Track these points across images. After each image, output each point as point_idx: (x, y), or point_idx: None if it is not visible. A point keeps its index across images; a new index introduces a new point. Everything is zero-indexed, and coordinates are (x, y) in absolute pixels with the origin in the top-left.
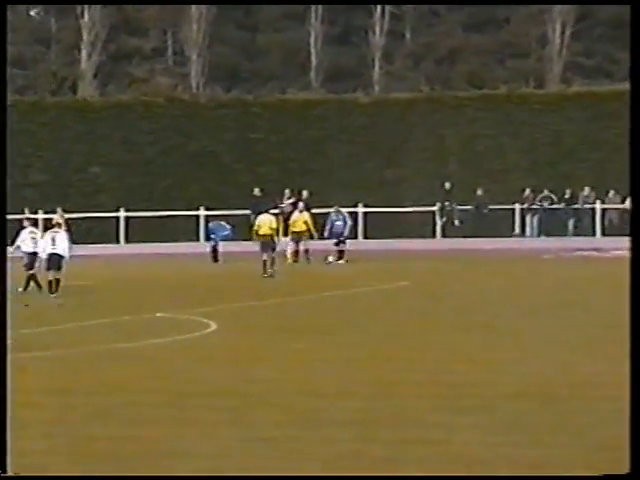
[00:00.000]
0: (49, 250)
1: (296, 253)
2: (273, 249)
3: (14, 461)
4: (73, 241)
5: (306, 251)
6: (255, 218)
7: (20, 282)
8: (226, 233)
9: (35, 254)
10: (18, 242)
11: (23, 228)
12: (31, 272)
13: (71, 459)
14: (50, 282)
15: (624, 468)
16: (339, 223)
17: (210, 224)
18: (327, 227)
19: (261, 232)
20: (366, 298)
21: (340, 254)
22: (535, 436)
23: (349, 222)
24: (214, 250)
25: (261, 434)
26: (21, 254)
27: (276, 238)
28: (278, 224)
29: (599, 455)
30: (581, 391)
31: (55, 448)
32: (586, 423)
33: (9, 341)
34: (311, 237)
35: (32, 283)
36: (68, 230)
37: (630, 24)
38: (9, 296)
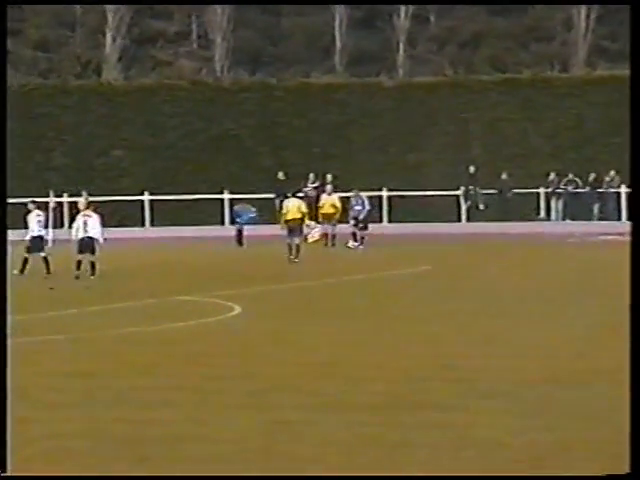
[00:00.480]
0: (81, 234)
1: (325, 236)
2: (300, 234)
3: (38, 444)
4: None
5: (333, 236)
6: (280, 202)
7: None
8: (252, 216)
9: (41, 237)
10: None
11: (29, 212)
12: (42, 254)
13: (93, 442)
14: (79, 262)
15: None
16: (358, 207)
17: (236, 207)
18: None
19: (289, 217)
20: (389, 282)
21: (361, 239)
22: (558, 421)
23: (367, 207)
24: (239, 233)
25: (281, 418)
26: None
27: (304, 223)
28: (307, 208)
29: (623, 440)
30: (604, 376)
31: (79, 431)
32: (609, 408)
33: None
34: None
35: (28, 265)
36: (99, 214)
37: (630, 24)
38: (31, 279)
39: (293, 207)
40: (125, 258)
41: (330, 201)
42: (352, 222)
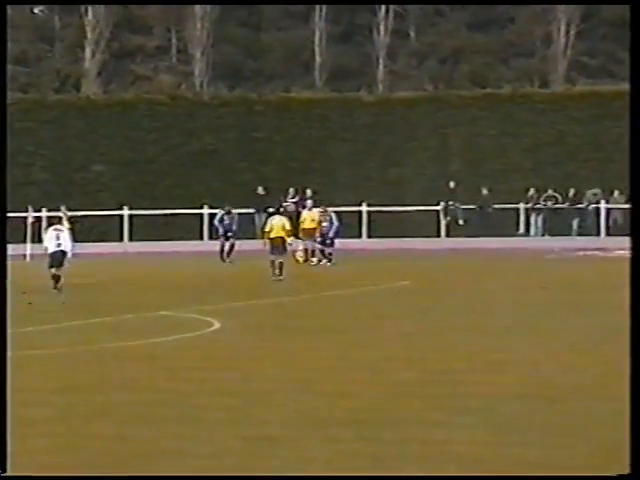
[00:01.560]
0: (53, 247)
1: (306, 252)
2: (284, 251)
3: (16, 460)
4: (75, 239)
5: (312, 251)
6: (260, 217)
7: (35, 283)
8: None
9: (62, 252)
10: (45, 242)
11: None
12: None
13: (72, 458)
14: (54, 277)
15: (625, 469)
16: (325, 224)
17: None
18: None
19: (273, 235)
20: (368, 297)
21: (328, 255)
22: (537, 436)
23: (335, 223)
24: (231, 247)
25: (262, 433)
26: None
27: (288, 241)
28: (291, 226)
29: (601, 455)
30: (582, 392)
31: (57, 447)
32: (587, 424)
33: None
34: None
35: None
36: (71, 228)
37: (630, 24)
38: (11, 295)
39: (277, 225)
40: (104, 273)
41: (311, 216)
42: (319, 239)
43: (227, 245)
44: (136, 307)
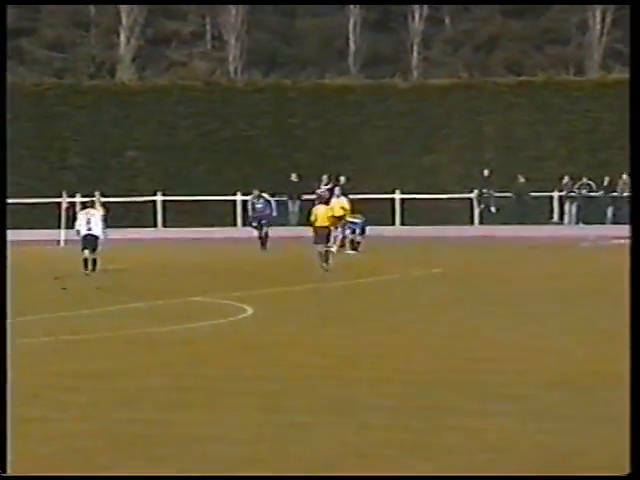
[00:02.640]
0: (84, 231)
1: (343, 239)
2: (327, 241)
3: (50, 444)
4: (108, 225)
5: (343, 238)
6: (294, 204)
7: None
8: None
9: (94, 236)
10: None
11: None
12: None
13: (105, 442)
14: (86, 260)
15: None
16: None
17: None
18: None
19: (317, 224)
20: (401, 285)
21: (356, 244)
22: (570, 425)
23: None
24: (265, 236)
25: (294, 420)
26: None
27: (333, 230)
28: (342, 211)
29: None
30: (615, 381)
31: (90, 431)
32: (620, 413)
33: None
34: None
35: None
36: (105, 214)
37: (630, 24)
38: (44, 280)
39: (322, 214)
40: (137, 258)
41: (339, 204)
42: (254, 224)
43: (262, 233)
44: (169, 293)
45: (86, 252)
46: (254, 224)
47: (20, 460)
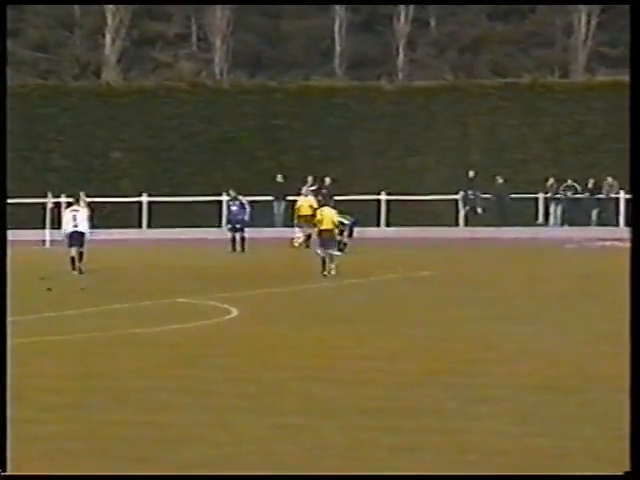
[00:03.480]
0: (70, 228)
1: (308, 238)
2: (332, 246)
3: (34, 445)
4: (94, 225)
5: (308, 236)
6: (279, 205)
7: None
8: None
9: (80, 233)
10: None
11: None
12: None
13: (89, 444)
14: (73, 258)
15: None
16: (235, 209)
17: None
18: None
19: (323, 226)
20: (387, 287)
21: (342, 245)
22: (555, 427)
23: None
24: (242, 240)
25: (279, 422)
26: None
27: (337, 233)
28: (310, 210)
29: (620, 446)
30: (602, 383)
31: (74, 433)
32: (607, 415)
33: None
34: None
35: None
36: (90, 214)
37: (630, 24)
38: (30, 281)
39: (328, 216)
40: (122, 259)
41: (308, 202)
42: (229, 226)
43: (237, 237)
44: (154, 294)
45: (73, 250)
46: (229, 226)
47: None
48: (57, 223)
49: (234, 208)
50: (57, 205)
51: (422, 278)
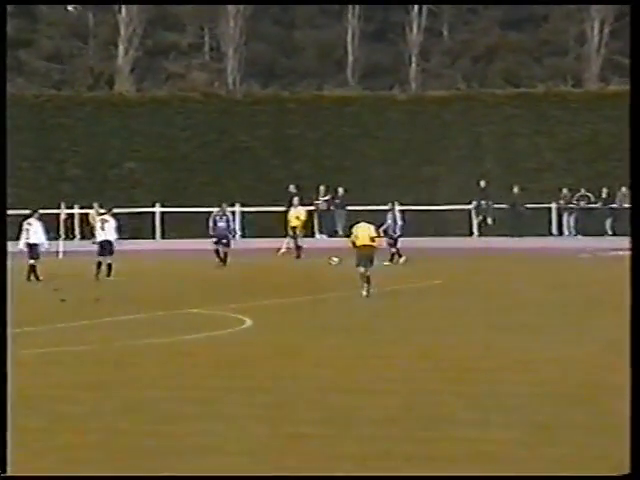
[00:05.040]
0: (100, 237)
1: (297, 248)
2: (371, 262)
3: (46, 456)
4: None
5: (298, 247)
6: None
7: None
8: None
9: (109, 242)
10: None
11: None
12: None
13: (104, 454)
14: (99, 264)
15: None
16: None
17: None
18: (210, 226)
19: (359, 242)
20: (400, 296)
21: (396, 253)
22: (570, 435)
23: (399, 222)
24: (224, 255)
25: (293, 431)
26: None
27: (375, 249)
28: (378, 232)
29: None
30: (615, 391)
31: (87, 443)
32: (621, 423)
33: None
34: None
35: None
36: (117, 224)
37: (630, 24)
38: (44, 290)
39: (364, 232)
40: (136, 270)
41: (296, 214)
42: (214, 241)
43: (221, 250)
44: (168, 304)
45: (101, 257)
46: (214, 241)
47: (17, 472)
48: (71, 233)
49: (221, 224)
50: (70, 216)
51: (435, 288)
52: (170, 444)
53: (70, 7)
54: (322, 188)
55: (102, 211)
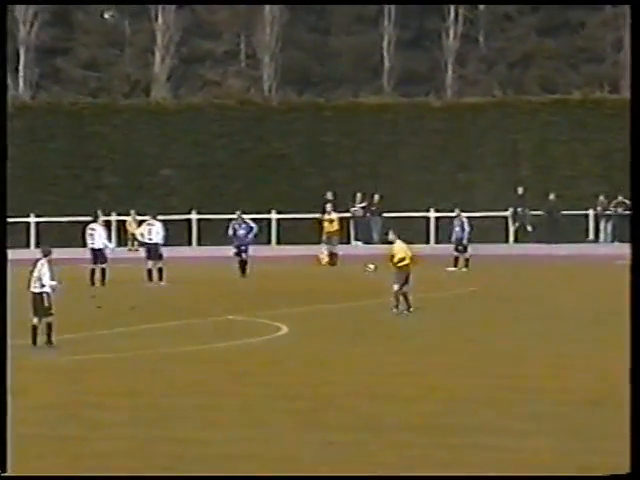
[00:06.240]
0: (147, 241)
1: (334, 255)
2: (407, 282)
3: (84, 463)
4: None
5: (333, 254)
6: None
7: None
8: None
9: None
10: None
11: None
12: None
13: (139, 462)
14: (150, 270)
15: None
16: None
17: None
18: (230, 234)
19: (396, 260)
20: (436, 303)
21: (466, 261)
22: (604, 444)
23: (467, 228)
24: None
25: (329, 438)
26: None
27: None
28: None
29: None
30: None
31: (124, 450)
32: None
33: None
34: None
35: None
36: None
37: (630, 24)
38: (79, 298)
39: (400, 251)
40: (172, 277)
41: (329, 219)
42: (235, 250)
43: (243, 259)
44: (204, 311)
45: (149, 263)
46: (235, 250)
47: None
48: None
49: (241, 232)
50: (107, 223)
51: (471, 295)
52: (205, 451)
53: (106, 15)
54: (358, 195)
55: (141, 219)
